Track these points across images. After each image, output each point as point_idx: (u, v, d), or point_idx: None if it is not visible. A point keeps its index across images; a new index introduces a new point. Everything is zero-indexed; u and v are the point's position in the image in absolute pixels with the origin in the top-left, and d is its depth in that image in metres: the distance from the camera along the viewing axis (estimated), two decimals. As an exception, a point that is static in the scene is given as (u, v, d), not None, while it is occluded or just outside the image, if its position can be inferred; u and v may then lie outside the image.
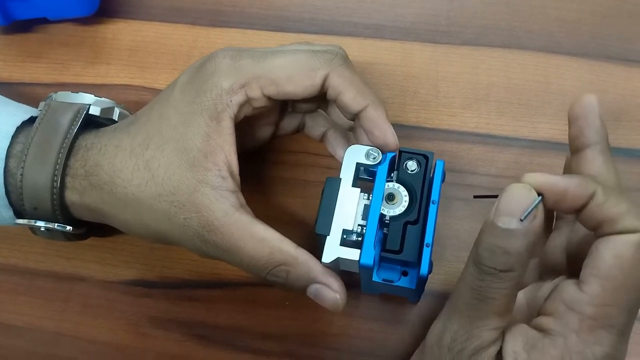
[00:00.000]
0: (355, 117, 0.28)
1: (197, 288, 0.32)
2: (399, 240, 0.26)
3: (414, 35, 0.38)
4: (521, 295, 0.25)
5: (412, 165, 0.28)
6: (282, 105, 0.31)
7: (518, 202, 0.21)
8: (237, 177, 0.27)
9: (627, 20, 0.38)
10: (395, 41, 0.38)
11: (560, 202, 0.22)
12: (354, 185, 0.28)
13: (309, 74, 0.27)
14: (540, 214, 0.22)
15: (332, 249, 0.26)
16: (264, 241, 0.26)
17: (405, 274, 0.27)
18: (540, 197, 0.22)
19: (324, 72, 0.27)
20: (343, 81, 0.27)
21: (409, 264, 0.26)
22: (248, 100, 0.27)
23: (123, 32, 0.39)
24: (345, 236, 0.27)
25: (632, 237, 0.21)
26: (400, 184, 0.28)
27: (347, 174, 0.28)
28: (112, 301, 0.32)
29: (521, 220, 0.21)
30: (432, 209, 0.27)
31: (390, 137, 0.28)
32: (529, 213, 0.21)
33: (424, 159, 0.28)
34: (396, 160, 0.28)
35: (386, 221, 0.27)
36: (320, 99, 0.30)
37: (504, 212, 0.22)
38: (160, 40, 0.38)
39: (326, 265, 0.27)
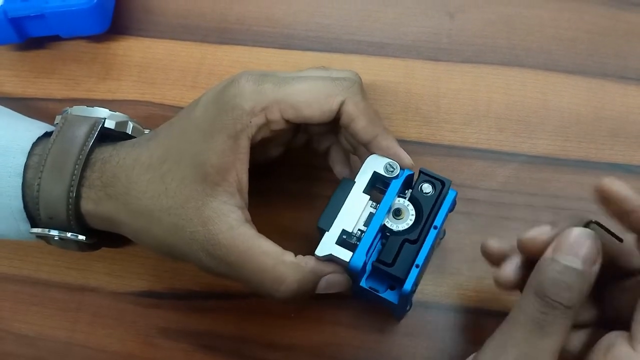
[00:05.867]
0: (365, 144, 0.29)
1: (205, 299, 0.33)
2: (393, 254, 0.27)
3: (416, 52, 0.39)
4: None
5: (427, 187, 0.29)
6: (296, 127, 0.32)
7: (582, 245, 0.23)
8: (246, 196, 0.28)
9: (623, 39, 0.39)
10: (398, 58, 0.39)
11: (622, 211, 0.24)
12: (366, 191, 0.28)
13: (327, 100, 0.28)
14: (599, 260, 0.23)
15: (327, 245, 0.27)
16: (266, 255, 0.27)
17: (392, 288, 0.28)
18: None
19: (341, 98, 0.28)
20: (357, 110, 0.28)
21: (397, 279, 0.27)
22: (267, 123, 0.28)
23: (133, 49, 0.40)
24: (344, 237, 0.27)
25: None
26: (411, 203, 0.28)
27: (362, 180, 0.28)
28: (122, 312, 0.33)
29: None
30: (432, 233, 0.27)
31: (406, 160, 0.29)
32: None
33: (440, 185, 0.29)
34: (414, 179, 0.29)
35: (387, 234, 0.28)
36: (333, 124, 0.31)
37: (569, 252, 0.23)
38: (169, 57, 0.40)
39: (320, 259, 0.27)
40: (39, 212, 0.29)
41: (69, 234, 0.29)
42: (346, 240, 0.27)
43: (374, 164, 0.29)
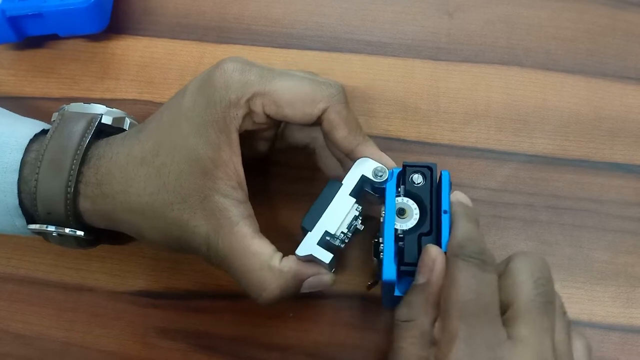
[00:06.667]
0: (346, 154, 0.29)
1: (203, 299, 0.33)
2: (416, 252, 0.27)
3: (415, 52, 0.39)
4: None
5: (417, 178, 0.29)
6: (278, 125, 0.32)
7: (424, 262, 0.26)
8: (245, 189, 0.28)
9: (622, 39, 0.39)
10: (397, 58, 0.39)
11: None
12: (352, 194, 0.28)
13: (310, 103, 0.28)
14: (437, 267, 0.25)
15: (308, 245, 0.27)
16: (255, 256, 0.27)
17: None
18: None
19: (324, 105, 0.28)
20: (339, 118, 0.28)
21: None
22: (250, 113, 0.28)
23: (132, 48, 0.40)
24: (328, 238, 0.27)
25: None
26: (409, 198, 0.28)
27: (349, 183, 0.28)
28: (120, 311, 0.33)
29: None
30: (445, 218, 0.27)
31: (389, 163, 0.29)
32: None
33: (429, 171, 0.29)
34: (402, 175, 0.29)
35: (400, 235, 0.28)
36: (312, 131, 0.31)
37: (417, 271, 0.26)
38: (168, 56, 0.39)
39: (301, 259, 0.27)
40: (37, 207, 0.28)
41: (67, 230, 0.29)
42: (329, 241, 0.27)
43: (362, 168, 0.28)
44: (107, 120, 0.31)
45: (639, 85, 0.37)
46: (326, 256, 0.27)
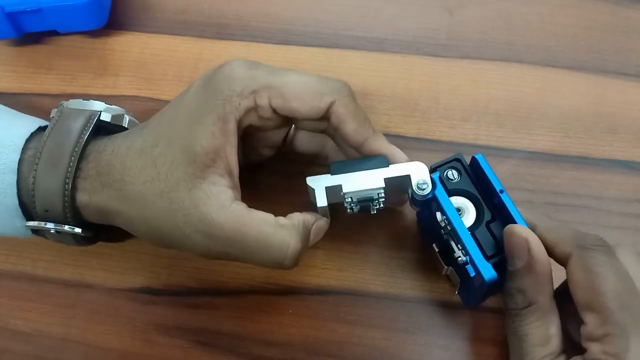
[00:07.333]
0: (356, 147, 0.29)
1: (202, 295, 0.33)
2: (492, 241, 0.27)
3: (415, 48, 0.39)
4: None
5: (452, 174, 0.29)
6: (285, 130, 0.32)
7: (515, 245, 0.26)
8: (236, 179, 0.28)
9: (623, 36, 0.39)
10: (397, 54, 0.39)
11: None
12: (386, 181, 0.28)
13: (316, 96, 0.28)
14: (534, 244, 0.25)
15: (318, 183, 0.28)
16: (264, 222, 0.27)
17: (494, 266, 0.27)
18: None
19: (331, 98, 0.28)
20: (347, 111, 0.28)
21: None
22: (255, 107, 0.28)
23: (131, 45, 0.40)
24: (340, 192, 0.28)
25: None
26: (455, 195, 0.28)
27: (393, 170, 0.28)
28: (119, 308, 0.33)
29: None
30: (506, 197, 0.27)
31: (401, 158, 0.29)
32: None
33: (458, 163, 0.29)
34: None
35: (469, 233, 0.27)
36: (321, 137, 0.31)
37: (510, 256, 0.26)
38: (167, 52, 0.39)
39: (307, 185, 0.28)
40: (35, 204, 0.28)
41: (65, 227, 0.29)
42: (339, 195, 0.28)
43: (414, 170, 0.28)
44: (106, 117, 0.30)
45: (639, 82, 0.37)
46: (322, 201, 0.28)
